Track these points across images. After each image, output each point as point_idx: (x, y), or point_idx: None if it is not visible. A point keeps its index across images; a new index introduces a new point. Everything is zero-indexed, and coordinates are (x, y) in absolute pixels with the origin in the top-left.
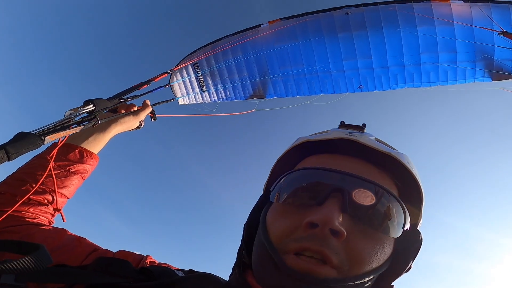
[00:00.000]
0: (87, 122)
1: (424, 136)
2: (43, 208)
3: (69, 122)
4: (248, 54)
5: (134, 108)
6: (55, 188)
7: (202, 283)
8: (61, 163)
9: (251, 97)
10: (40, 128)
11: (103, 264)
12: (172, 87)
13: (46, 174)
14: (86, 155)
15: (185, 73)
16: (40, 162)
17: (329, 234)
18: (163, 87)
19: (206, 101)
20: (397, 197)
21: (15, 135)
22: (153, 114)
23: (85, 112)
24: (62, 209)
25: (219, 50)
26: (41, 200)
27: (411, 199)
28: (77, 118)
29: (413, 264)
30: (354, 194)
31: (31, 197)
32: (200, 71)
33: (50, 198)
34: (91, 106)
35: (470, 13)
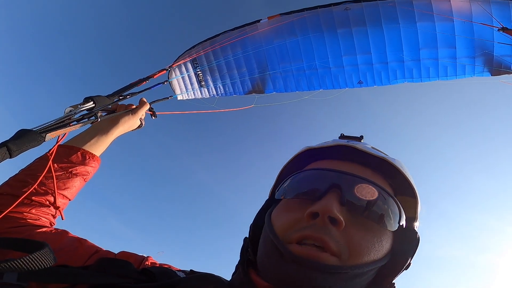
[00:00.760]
0: (87, 119)
1: (424, 128)
2: (45, 209)
3: (69, 120)
4: (247, 50)
5: (132, 107)
6: (55, 186)
7: (203, 284)
8: (63, 165)
9: (250, 92)
10: (41, 125)
11: (105, 264)
12: (171, 83)
13: (46, 170)
14: (88, 157)
15: (184, 69)
16: (41, 164)
17: (328, 222)
18: (162, 84)
19: (205, 96)
20: (391, 193)
21: (16, 132)
22: (152, 111)
23: (85, 109)
24: (63, 210)
25: (218, 46)
26: (42, 201)
27: (406, 200)
28: (77, 116)
29: (411, 261)
30: (350, 189)
31: (33, 198)
32: (199, 67)
33: (52, 199)
34: (91, 103)
35: (470, 9)
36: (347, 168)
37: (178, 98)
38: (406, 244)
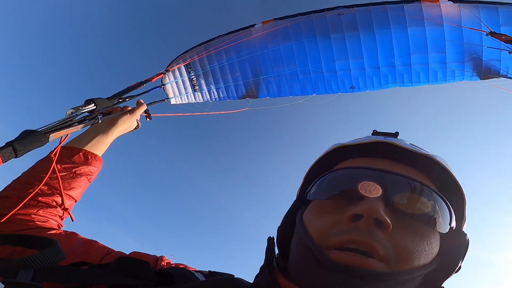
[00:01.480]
0: (88, 120)
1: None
2: (52, 210)
3: (71, 121)
4: (241, 54)
5: (128, 108)
6: (60, 185)
7: (228, 287)
8: (66, 166)
9: (244, 97)
10: (44, 126)
11: (124, 264)
12: (164, 87)
13: (50, 170)
14: (91, 157)
15: (177, 73)
16: (44, 165)
17: (373, 225)
18: (159, 87)
19: (198, 100)
20: (440, 193)
21: (21, 133)
22: (148, 113)
23: (86, 111)
24: (70, 211)
25: (212, 50)
26: (49, 202)
27: (453, 199)
28: (78, 117)
29: (462, 264)
30: (396, 189)
31: (39, 199)
32: (192, 71)
33: (58, 200)
34: (92, 105)
35: (459, 14)
36: (389, 166)
37: (172, 102)
38: (455, 246)
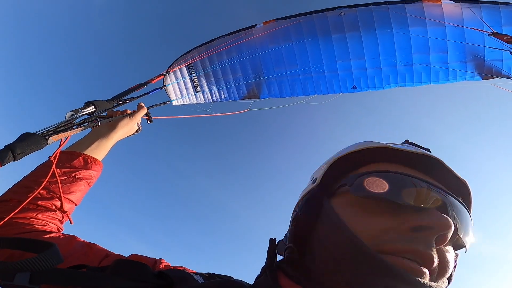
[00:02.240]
0: (88, 123)
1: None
2: (51, 214)
3: (70, 124)
4: (242, 55)
5: (128, 112)
6: (60, 189)
7: None
8: (66, 170)
9: (245, 97)
10: (43, 129)
11: (122, 267)
12: (166, 89)
13: (50, 174)
14: (90, 162)
15: (179, 74)
16: (44, 170)
17: (433, 240)
18: (159, 89)
19: (200, 101)
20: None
21: (20, 136)
22: (148, 116)
23: (85, 113)
24: (70, 215)
25: (213, 51)
26: (48, 205)
27: None
28: (78, 120)
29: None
30: (456, 211)
31: (39, 203)
32: (194, 72)
33: (58, 203)
34: (92, 107)
35: (461, 14)
36: (441, 186)
37: (174, 103)
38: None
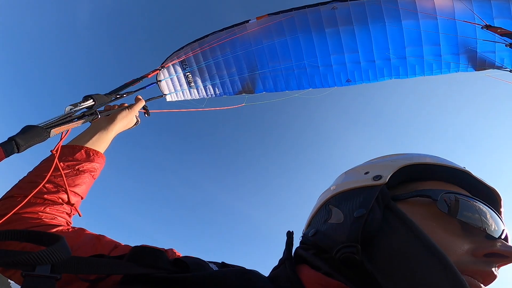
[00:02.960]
0: (87, 116)
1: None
2: (59, 207)
3: (70, 117)
4: (236, 50)
5: (126, 105)
6: (64, 181)
7: (246, 277)
8: (69, 163)
9: (240, 92)
10: (45, 121)
11: (140, 254)
12: (159, 84)
13: (53, 167)
14: (93, 154)
15: (172, 69)
16: (48, 164)
17: (497, 264)
18: (155, 83)
19: (194, 97)
20: None
21: (23, 128)
22: (146, 109)
23: (84, 107)
24: (78, 208)
25: (207, 46)
26: (55, 199)
27: None
28: (78, 113)
29: None
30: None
31: (45, 196)
32: (188, 68)
33: (64, 197)
34: (91, 101)
35: (453, 6)
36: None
37: (167, 99)
38: None
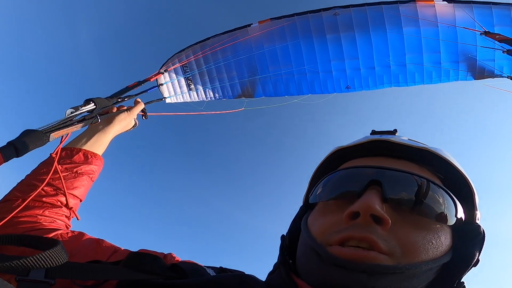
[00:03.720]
0: (88, 120)
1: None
2: (58, 210)
3: (71, 121)
4: (237, 54)
5: (124, 108)
6: (64, 185)
7: (243, 283)
8: (67, 166)
9: (240, 96)
10: (44, 126)
11: (136, 260)
12: (160, 87)
13: (52, 171)
14: (91, 157)
15: (173, 72)
16: (47, 168)
17: (372, 221)
18: (157, 87)
19: (194, 100)
20: (440, 184)
21: (22, 132)
22: (144, 112)
23: (86, 111)
24: (76, 211)
25: (208, 49)
26: (54, 202)
27: (460, 191)
28: (78, 117)
29: (480, 257)
30: (393, 184)
31: (44, 200)
32: (188, 70)
33: (63, 199)
34: (92, 104)
35: (454, 13)
36: (386, 163)
37: (167, 101)
38: (469, 239)
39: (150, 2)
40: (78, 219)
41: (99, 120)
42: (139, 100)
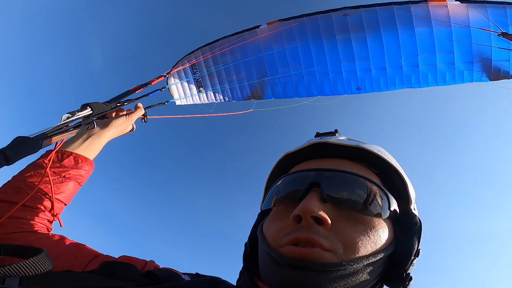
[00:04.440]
0: (84, 125)
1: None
2: (41, 214)
3: (66, 126)
4: (246, 56)
5: (123, 112)
6: (52, 193)
7: (214, 287)
8: (56, 170)
9: (249, 98)
10: (37, 132)
11: (109, 268)
12: (169, 89)
13: (42, 179)
14: (81, 161)
15: (183, 74)
16: (34, 170)
17: (313, 223)
18: (159, 90)
19: (203, 102)
20: (373, 180)
21: (13, 140)
22: (144, 116)
23: (82, 116)
24: (60, 215)
25: (217, 51)
26: (38, 206)
27: (394, 184)
28: (73, 123)
29: (420, 248)
30: (329, 184)
31: (28, 203)
32: (198, 72)
33: (48, 204)
34: (89, 110)
35: (467, 14)
36: (325, 164)
37: (177, 103)
38: (406, 230)
39: (160, 8)
40: (61, 226)
41: (96, 126)
42: (140, 105)
